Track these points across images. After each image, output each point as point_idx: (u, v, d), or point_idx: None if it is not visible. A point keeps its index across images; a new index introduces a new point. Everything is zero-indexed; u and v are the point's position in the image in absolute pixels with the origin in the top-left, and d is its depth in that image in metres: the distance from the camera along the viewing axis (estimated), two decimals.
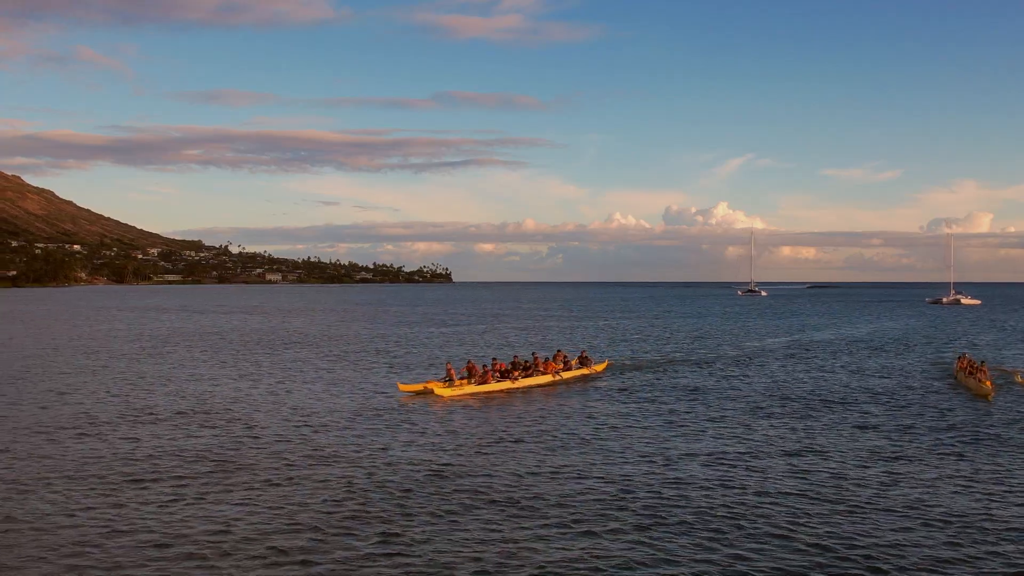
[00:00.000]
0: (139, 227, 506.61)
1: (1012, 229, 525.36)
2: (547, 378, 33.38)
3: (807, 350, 50.72)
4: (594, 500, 16.17)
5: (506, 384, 31.39)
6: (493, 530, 14.35)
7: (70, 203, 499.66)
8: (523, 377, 32.14)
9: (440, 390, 29.24)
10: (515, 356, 35.84)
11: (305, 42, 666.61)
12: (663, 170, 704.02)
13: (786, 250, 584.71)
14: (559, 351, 37.50)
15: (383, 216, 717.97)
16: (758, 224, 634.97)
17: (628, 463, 19.38)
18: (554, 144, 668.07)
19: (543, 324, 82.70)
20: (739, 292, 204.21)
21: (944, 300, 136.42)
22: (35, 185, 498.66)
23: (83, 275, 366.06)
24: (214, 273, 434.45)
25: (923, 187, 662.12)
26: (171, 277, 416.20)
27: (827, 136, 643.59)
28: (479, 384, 30.43)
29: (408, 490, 16.89)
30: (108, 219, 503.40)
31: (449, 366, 31.96)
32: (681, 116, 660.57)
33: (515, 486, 17.23)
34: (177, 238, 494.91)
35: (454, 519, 14.99)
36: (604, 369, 38.03)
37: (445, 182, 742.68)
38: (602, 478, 17.95)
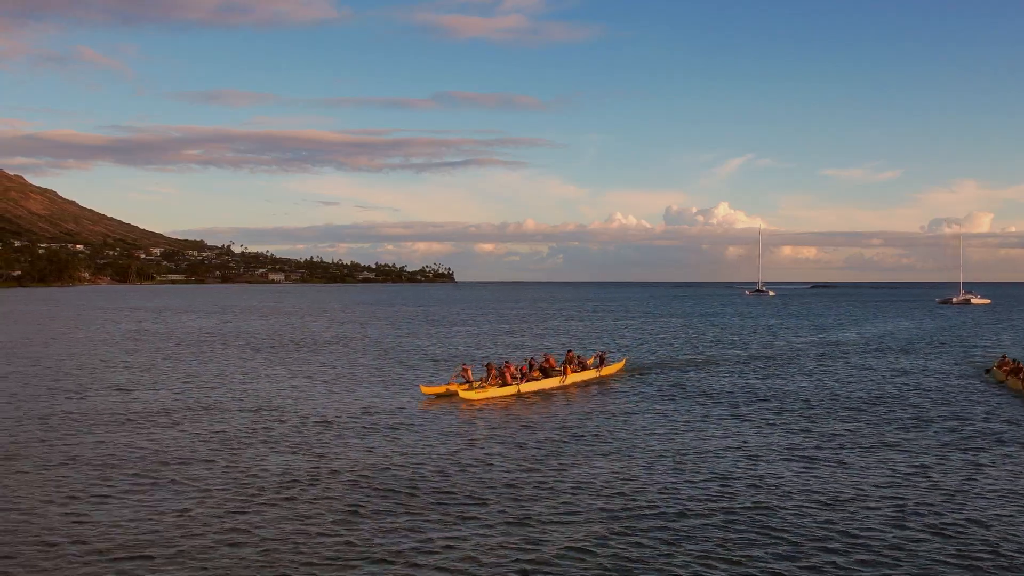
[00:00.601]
0: (141, 227, 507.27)
1: (1013, 229, 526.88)
2: (566, 379, 33.31)
3: (837, 350, 51.16)
4: (654, 508, 15.99)
5: (530, 386, 31.48)
6: (547, 538, 14.25)
7: (72, 203, 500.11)
8: (542, 379, 32.20)
9: (465, 393, 28.85)
10: (530, 358, 35.44)
11: (305, 42, 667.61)
12: (663, 170, 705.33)
13: (787, 250, 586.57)
14: (570, 351, 37.30)
15: (383, 216, 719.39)
16: (759, 224, 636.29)
17: (674, 467, 19.31)
18: (554, 144, 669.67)
19: (564, 325, 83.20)
20: (747, 292, 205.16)
21: (954, 300, 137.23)
22: (37, 185, 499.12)
23: (87, 275, 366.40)
24: (217, 273, 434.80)
25: (923, 187, 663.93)
26: (174, 277, 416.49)
27: (827, 136, 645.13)
28: (500, 386, 30.24)
29: (449, 493, 16.89)
30: (111, 219, 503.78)
31: (466, 367, 31.84)
32: (681, 116, 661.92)
33: (569, 492, 17.07)
34: (178, 238, 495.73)
35: (504, 524, 14.90)
36: (621, 369, 38.25)
37: (445, 182, 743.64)
38: (651, 482, 17.86)
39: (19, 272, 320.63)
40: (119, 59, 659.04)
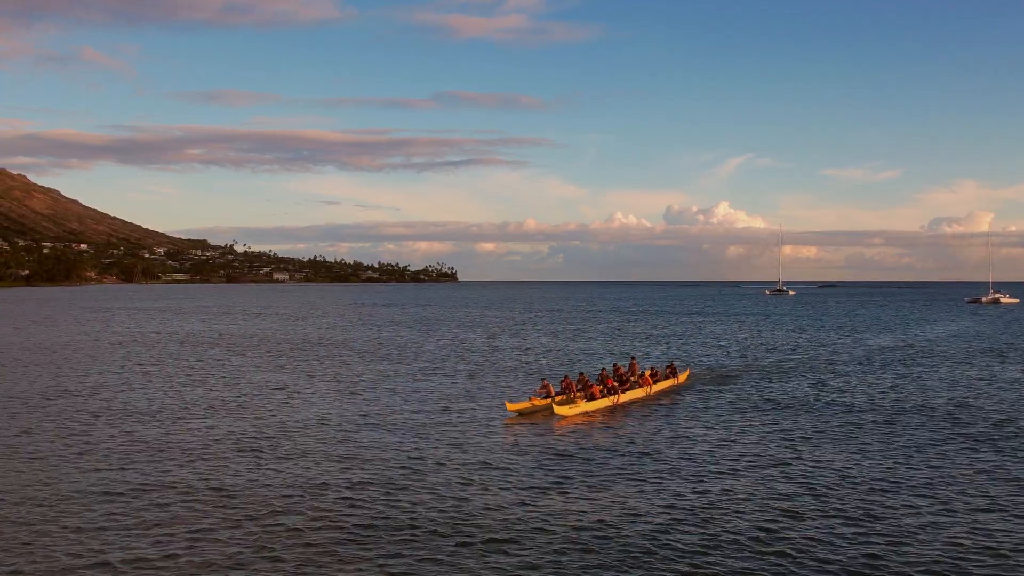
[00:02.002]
0: (144, 227, 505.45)
1: (1013, 228, 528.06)
2: (644, 391, 31.81)
3: (898, 357, 48.22)
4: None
5: (626, 396, 30.31)
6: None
7: (76, 202, 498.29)
8: (623, 391, 30.48)
9: (560, 408, 27.15)
10: (603, 369, 33.93)
11: (307, 42, 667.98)
12: (663, 170, 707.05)
13: (787, 249, 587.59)
14: (633, 359, 35.76)
15: (384, 216, 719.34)
16: (759, 224, 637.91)
17: (787, 483, 18.36)
18: (555, 144, 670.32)
19: (621, 327, 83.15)
20: (767, 292, 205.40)
21: (983, 299, 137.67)
22: (40, 184, 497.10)
23: (92, 274, 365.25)
24: (222, 272, 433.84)
25: (923, 187, 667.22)
26: (179, 276, 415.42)
27: (827, 136, 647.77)
28: (589, 399, 28.89)
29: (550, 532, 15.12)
30: (114, 218, 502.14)
31: (546, 382, 29.84)
32: (681, 116, 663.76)
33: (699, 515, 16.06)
34: (180, 237, 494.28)
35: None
36: (688, 378, 36.32)
37: (446, 182, 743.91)
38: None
39: (27, 272, 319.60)
40: (120, 59, 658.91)
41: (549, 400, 28.24)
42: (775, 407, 29.27)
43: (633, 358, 35.84)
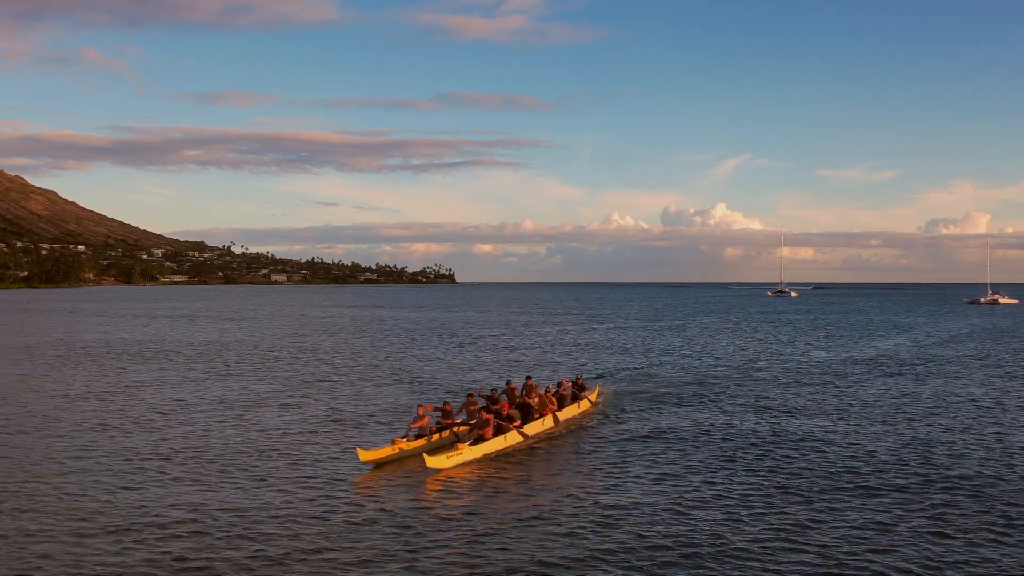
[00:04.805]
0: (141, 228, 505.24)
1: (1010, 230, 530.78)
2: (543, 423, 23.29)
3: (921, 360, 49.45)
4: None
5: (505, 439, 21.13)
6: None
7: (73, 203, 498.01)
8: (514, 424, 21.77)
9: (434, 459, 18.60)
10: (492, 390, 24.80)
11: (309, 43, 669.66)
12: (660, 171, 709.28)
13: (784, 251, 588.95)
14: (528, 378, 26.49)
15: (382, 217, 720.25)
16: (756, 225, 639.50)
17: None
18: (553, 145, 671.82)
19: (666, 326, 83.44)
20: (769, 293, 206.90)
21: (982, 300, 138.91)
22: (37, 186, 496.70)
23: (91, 276, 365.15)
24: (220, 274, 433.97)
25: (920, 187, 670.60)
26: (177, 278, 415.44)
27: (824, 136, 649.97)
28: (476, 440, 20.35)
29: None
30: (111, 220, 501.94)
31: (423, 409, 21.69)
32: (677, 116, 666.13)
33: None
34: (178, 239, 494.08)
35: None
36: (598, 396, 28.78)
37: (444, 183, 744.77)
38: None
39: (26, 273, 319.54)
40: (121, 60, 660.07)
41: (423, 441, 20.66)
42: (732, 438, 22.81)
43: (529, 377, 27.05)
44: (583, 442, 22.31)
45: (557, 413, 23.98)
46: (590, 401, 27.30)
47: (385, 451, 19.49)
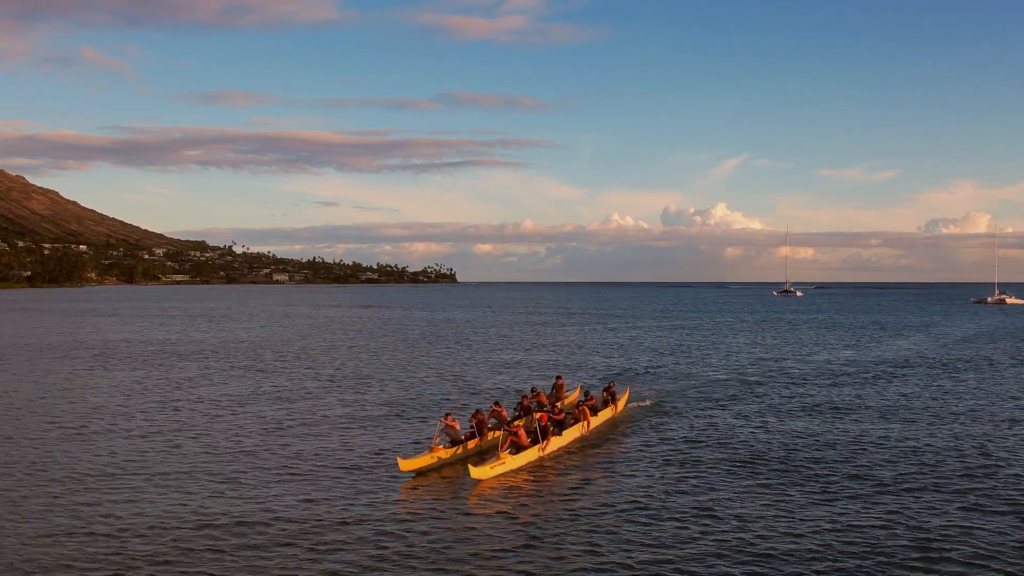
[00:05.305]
0: (142, 228, 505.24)
1: (1010, 229, 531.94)
2: (579, 429, 23.43)
3: (952, 359, 49.94)
4: None
5: (543, 447, 21.06)
6: None
7: (74, 203, 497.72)
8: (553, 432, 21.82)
9: (478, 470, 18.60)
10: (523, 396, 25.30)
11: (309, 43, 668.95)
12: (660, 171, 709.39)
13: (784, 250, 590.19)
14: (559, 379, 27.71)
15: (382, 217, 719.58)
16: (756, 224, 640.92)
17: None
18: (553, 145, 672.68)
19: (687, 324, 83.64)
20: (775, 292, 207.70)
21: (989, 300, 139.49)
22: (39, 185, 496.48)
23: (93, 275, 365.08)
24: (222, 274, 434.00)
25: (920, 187, 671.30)
26: (179, 277, 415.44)
27: (824, 136, 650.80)
28: (510, 446, 20.13)
29: None
30: (113, 219, 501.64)
31: (450, 418, 20.97)
32: (677, 117, 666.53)
33: None
34: (179, 238, 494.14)
35: None
36: (627, 403, 28.23)
37: (444, 183, 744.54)
38: None
39: (29, 273, 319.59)
40: (121, 60, 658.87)
41: (456, 449, 20.50)
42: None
43: (559, 377, 27.95)
44: (620, 447, 22.13)
45: (592, 419, 23.97)
46: (616, 409, 26.78)
47: (424, 460, 19.47)
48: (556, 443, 21.45)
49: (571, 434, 22.65)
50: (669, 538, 14.54)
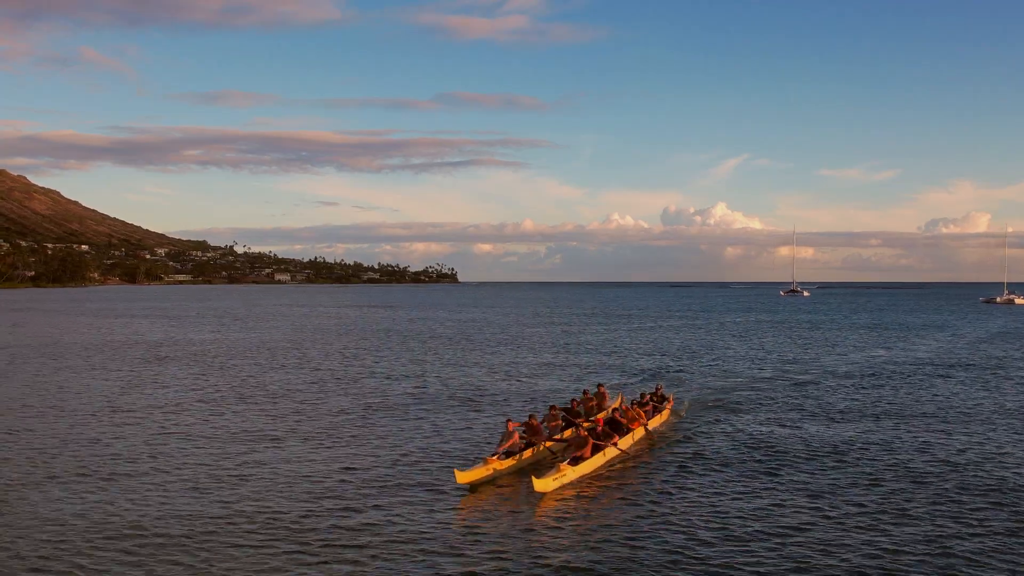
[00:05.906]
0: (143, 227, 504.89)
1: (1010, 229, 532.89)
2: (637, 433, 23.14)
3: (980, 361, 49.98)
4: None
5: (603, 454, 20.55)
6: None
7: (76, 203, 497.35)
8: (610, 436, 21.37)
9: (541, 483, 17.81)
10: (573, 400, 25.00)
11: (309, 43, 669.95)
12: (660, 170, 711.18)
13: (784, 250, 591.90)
14: (601, 386, 26.95)
15: (382, 217, 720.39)
16: (756, 224, 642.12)
17: None
18: (553, 145, 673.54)
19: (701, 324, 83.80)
20: (781, 292, 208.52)
21: (998, 299, 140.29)
22: (40, 185, 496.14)
23: (96, 275, 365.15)
24: (224, 273, 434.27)
25: (920, 187, 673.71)
26: (181, 277, 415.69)
27: (824, 136, 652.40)
28: (575, 460, 19.44)
29: None
30: (114, 219, 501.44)
31: (512, 426, 20.72)
32: (677, 116, 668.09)
33: None
34: (179, 238, 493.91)
35: None
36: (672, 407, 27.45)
37: (444, 183, 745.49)
38: None
39: (33, 273, 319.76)
40: (121, 60, 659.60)
41: (515, 459, 19.78)
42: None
43: (600, 385, 27.55)
44: (679, 453, 21.66)
45: (646, 423, 23.66)
46: (669, 410, 26.51)
47: (481, 471, 18.70)
48: (615, 451, 20.94)
49: (627, 441, 22.11)
50: (749, 552, 13.98)
